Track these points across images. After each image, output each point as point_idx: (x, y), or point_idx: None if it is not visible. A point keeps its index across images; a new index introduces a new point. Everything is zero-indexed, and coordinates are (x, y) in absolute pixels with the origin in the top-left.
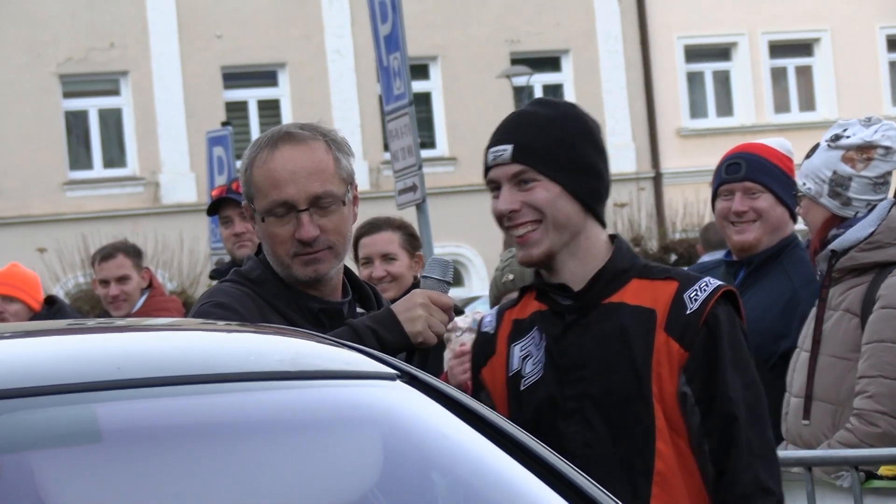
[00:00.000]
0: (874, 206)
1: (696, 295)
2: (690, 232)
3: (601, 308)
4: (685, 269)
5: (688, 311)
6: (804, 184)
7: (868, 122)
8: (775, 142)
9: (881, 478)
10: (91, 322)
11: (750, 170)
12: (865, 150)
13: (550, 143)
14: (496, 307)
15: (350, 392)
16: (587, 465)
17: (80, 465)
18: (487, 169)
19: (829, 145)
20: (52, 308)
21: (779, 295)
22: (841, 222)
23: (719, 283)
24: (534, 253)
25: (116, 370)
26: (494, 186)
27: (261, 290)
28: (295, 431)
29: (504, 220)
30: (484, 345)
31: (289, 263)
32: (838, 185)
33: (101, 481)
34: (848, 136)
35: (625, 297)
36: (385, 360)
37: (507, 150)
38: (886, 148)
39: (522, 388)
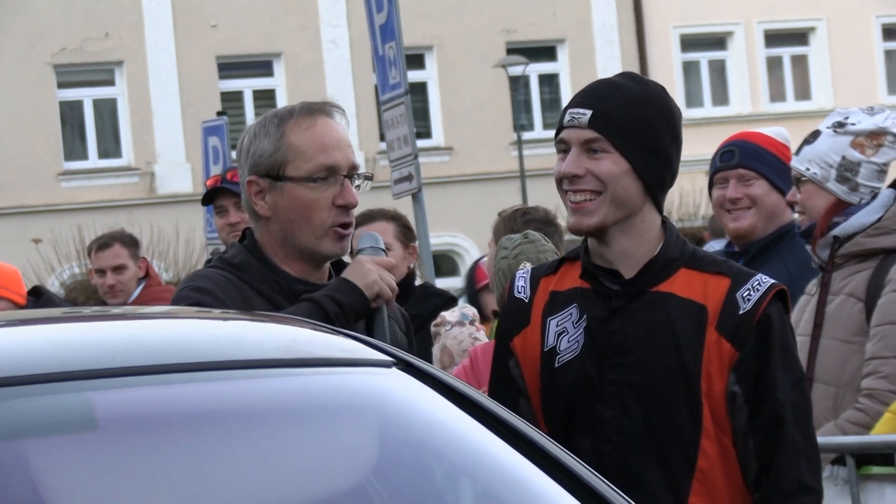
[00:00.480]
0: (876, 194)
1: (750, 295)
2: (686, 221)
3: (649, 296)
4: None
5: (741, 311)
6: (808, 169)
7: (871, 110)
8: (772, 130)
9: (876, 462)
10: (86, 310)
11: (743, 157)
12: (876, 137)
13: (631, 119)
14: (528, 270)
15: (346, 379)
16: (623, 452)
17: (76, 453)
18: (560, 129)
19: (835, 131)
20: (39, 300)
21: None
22: (845, 209)
23: (771, 281)
24: (585, 222)
25: (112, 358)
26: (563, 148)
27: (243, 274)
28: (291, 419)
29: (564, 182)
30: (517, 312)
31: (322, 234)
32: (847, 171)
33: (97, 469)
34: (853, 123)
35: (673, 288)
36: (381, 347)
37: (585, 114)
38: (895, 135)
39: (557, 364)
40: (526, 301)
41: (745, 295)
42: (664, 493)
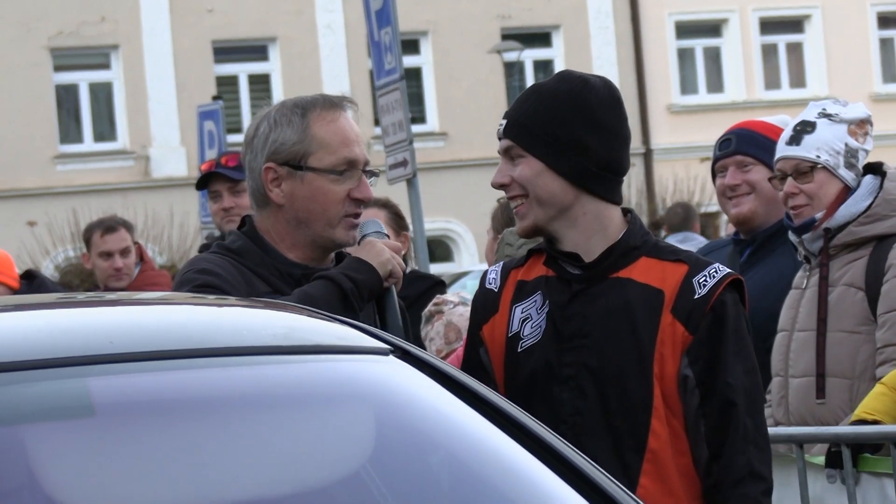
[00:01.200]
0: (859, 182)
1: (706, 280)
2: None
3: (609, 281)
4: (694, 252)
5: (696, 296)
6: (818, 156)
7: (837, 101)
8: (776, 118)
9: (872, 452)
10: (82, 296)
11: (740, 143)
12: (863, 125)
13: (537, 120)
14: (500, 264)
15: (343, 367)
16: (576, 433)
17: (73, 439)
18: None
19: (830, 119)
20: (32, 283)
21: (781, 275)
22: (847, 197)
23: (728, 270)
24: (521, 226)
25: (109, 344)
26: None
27: (243, 259)
28: (287, 406)
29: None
30: (486, 302)
31: (336, 224)
32: (852, 157)
33: (94, 455)
34: (837, 113)
35: (633, 274)
36: (377, 334)
37: (503, 124)
38: (872, 125)
39: (519, 349)
40: (496, 291)
41: (700, 280)
42: (615, 472)
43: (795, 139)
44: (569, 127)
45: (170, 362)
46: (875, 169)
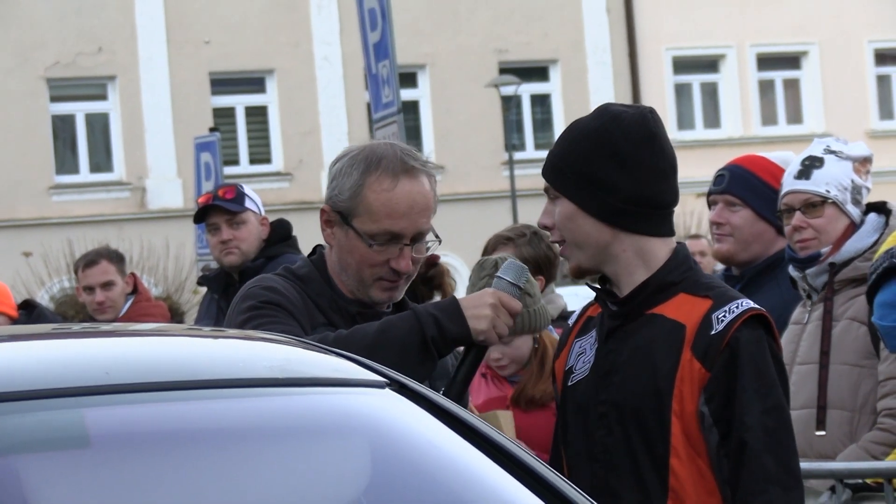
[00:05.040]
0: (863, 220)
1: (724, 316)
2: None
3: (643, 318)
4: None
5: (712, 332)
6: (828, 191)
7: (837, 140)
8: (777, 155)
9: (871, 489)
10: (77, 326)
11: (731, 183)
12: (865, 163)
13: (566, 159)
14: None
15: (338, 399)
16: (607, 471)
17: (68, 469)
18: None
19: (837, 156)
20: (31, 314)
21: (769, 310)
22: (853, 233)
23: (750, 305)
24: (568, 267)
25: (105, 375)
26: None
27: (305, 286)
28: (283, 438)
29: None
30: (562, 338)
31: (370, 284)
32: (857, 194)
33: (89, 486)
34: (842, 150)
35: (665, 310)
36: (374, 367)
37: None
38: (871, 163)
39: (569, 383)
40: (570, 326)
41: (719, 316)
42: None
43: (804, 174)
44: (591, 164)
45: (165, 394)
46: (878, 208)
